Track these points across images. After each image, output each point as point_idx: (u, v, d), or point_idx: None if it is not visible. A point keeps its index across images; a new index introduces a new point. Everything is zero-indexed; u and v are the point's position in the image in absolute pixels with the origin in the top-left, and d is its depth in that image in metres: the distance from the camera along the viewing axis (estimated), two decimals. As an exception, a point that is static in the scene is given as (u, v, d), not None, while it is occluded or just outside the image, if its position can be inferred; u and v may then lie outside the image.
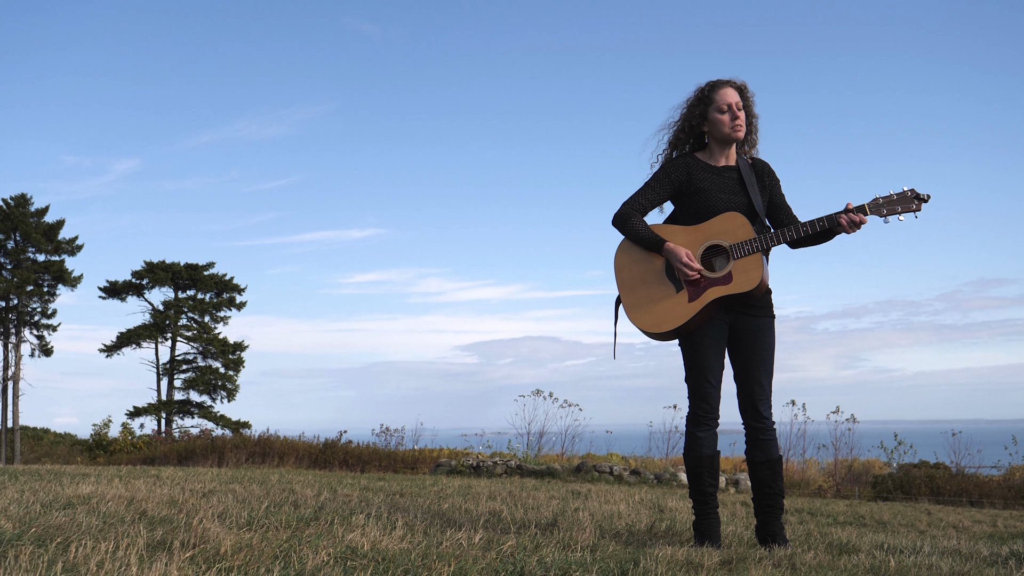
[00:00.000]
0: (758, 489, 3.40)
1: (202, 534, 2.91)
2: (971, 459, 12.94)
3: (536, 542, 3.17)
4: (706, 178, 3.42)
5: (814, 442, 13.81)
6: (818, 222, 3.30)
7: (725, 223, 3.33)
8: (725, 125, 3.40)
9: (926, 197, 3.25)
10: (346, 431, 14.39)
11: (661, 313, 3.36)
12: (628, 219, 3.45)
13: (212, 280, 32.82)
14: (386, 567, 2.52)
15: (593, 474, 10.60)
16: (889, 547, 3.71)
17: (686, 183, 3.43)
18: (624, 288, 3.46)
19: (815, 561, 3.09)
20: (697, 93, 3.48)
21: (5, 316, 31.15)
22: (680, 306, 3.32)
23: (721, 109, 3.39)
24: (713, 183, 3.41)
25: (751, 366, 3.37)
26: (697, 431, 3.39)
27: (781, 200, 3.52)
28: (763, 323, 3.38)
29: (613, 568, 2.66)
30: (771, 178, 3.52)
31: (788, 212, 3.50)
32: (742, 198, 3.40)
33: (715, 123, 3.42)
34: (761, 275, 3.25)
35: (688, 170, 3.44)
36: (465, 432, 16.30)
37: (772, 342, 3.40)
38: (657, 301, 3.37)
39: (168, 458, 13.92)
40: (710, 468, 3.39)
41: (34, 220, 31.45)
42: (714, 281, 3.30)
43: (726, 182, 3.42)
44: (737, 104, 3.40)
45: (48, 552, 2.54)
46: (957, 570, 3.02)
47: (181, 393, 32.35)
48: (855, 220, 3.25)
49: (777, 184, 3.53)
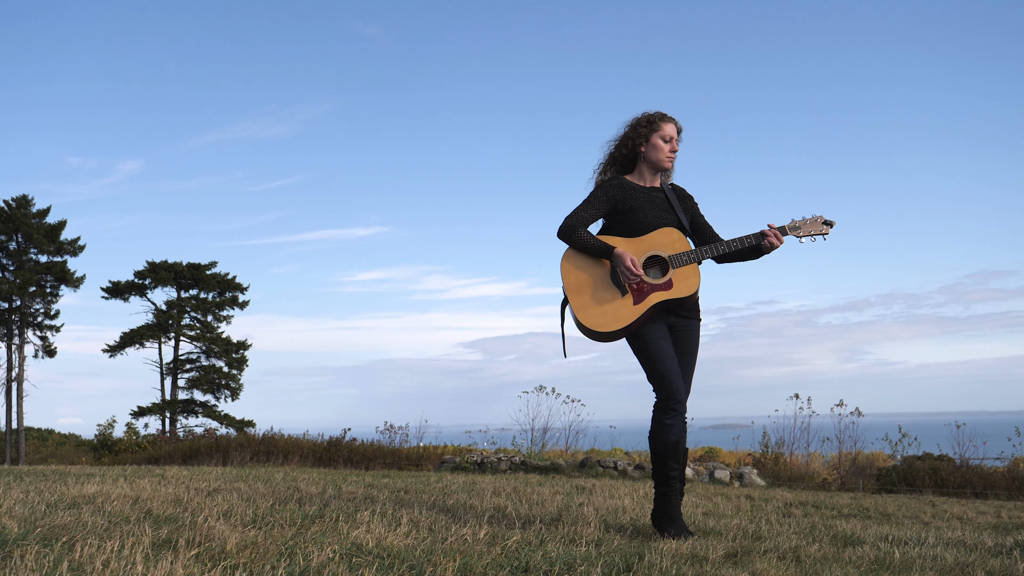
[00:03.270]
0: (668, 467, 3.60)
1: (207, 532, 2.91)
2: (975, 451, 12.91)
3: (541, 537, 3.17)
4: (638, 197, 3.79)
5: (818, 435, 13.79)
6: (746, 238, 3.69)
7: (664, 236, 3.70)
8: (663, 152, 3.81)
9: (832, 223, 3.73)
10: (350, 429, 14.39)
11: (608, 314, 3.64)
12: (575, 230, 3.74)
13: (214, 279, 32.84)
14: (391, 563, 2.53)
15: (597, 469, 10.60)
16: (894, 539, 3.71)
17: (621, 201, 3.78)
18: (572, 291, 3.73)
19: (820, 553, 3.10)
20: (646, 117, 3.85)
21: (8, 317, 31.18)
22: (626, 308, 3.62)
23: (664, 138, 3.81)
24: (644, 202, 3.78)
25: (680, 362, 3.69)
26: (664, 418, 3.60)
27: (703, 221, 3.90)
28: (693, 324, 3.74)
29: (618, 562, 2.66)
30: (692, 202, 3.93)
31: (711, 231, 3.88)
32: (672, 216, 3.79)
33: (655, 148, 3.81)
34: (698, 282, 3.65)
35: (622, 190, 3.80)
36: (469, 429, 16.31)
37: (698, 342, 3.77)
38: (604, 303, 3.66)
39: (173, 457, 13.94)
40: (675, 454, 3.59)
41: (36, 221, 31.47)
42: (656, 287, 3.63)
43: (655, 201, 3.81)
44: (675, 139, 3.83)
45: (54, 551, 2.54)
46: (962, 561, 3.01)
47: (185, 392, 32.41)
48: (774, 242, 3.69)
49: (697, 207, 3.94)
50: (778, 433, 13.89)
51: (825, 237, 3.74)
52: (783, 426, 13.84)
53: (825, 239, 3.75)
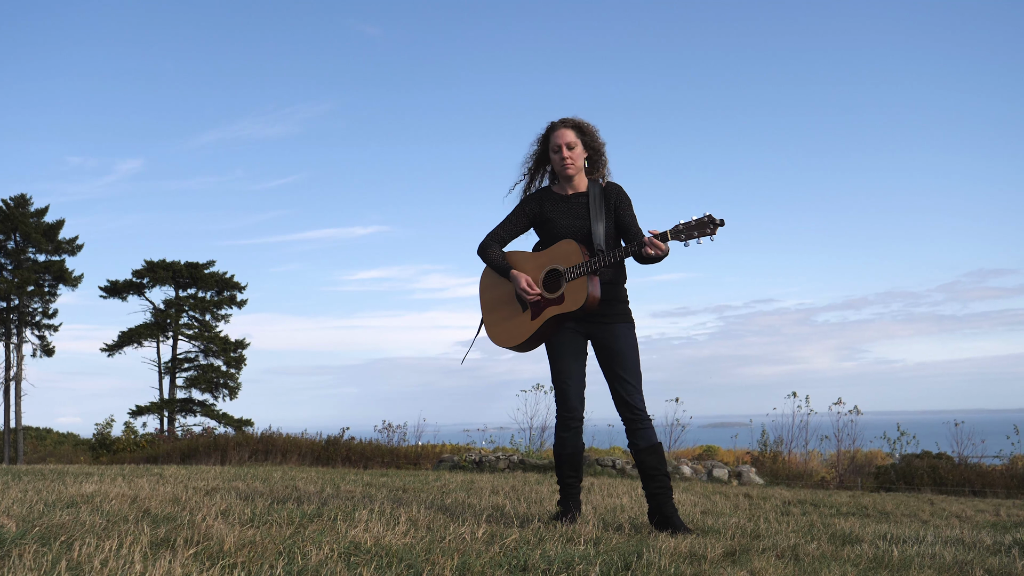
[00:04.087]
0: (645, 473, 3.63)
1: (205, 531, 2.91)
2: (973, 449, 12.93)
3: (539, 536, 3.17)
4: (556, 208, 3.79)
5: (816, 434, 13.80)
6: (627, 249, 3.58)
7: (561, 249, 3.70)
8: (556, 164, 3.78)
9: (721, 221, 3.41)
10: (349, 428, 14.38)
11: (509, 330, 3.82)
12: (487, 249, 3.87)
13: (212, 278, 32.82)
14: (389, 562, 2.52)
15: (596, 468, 10.60)
16: (892, 537, 3.71)
17: (539, 214, 3.83)
18: (485, 309, 3.93)
19: (818, 552, 3.10)
20: (541, 134, 3.85)
21: (6, 316, 31.15)
22: (524, 324, 3.76)
23: (554, 149, 3.77)
24: (561, 212, 3.78)
25: (613, 366, 3.68)
26: (561, 432, 3.76)
27: (630, 221, 3.77)
28: (616, 328, 3.69)
29: (616, 561, 2.66)
30: (619, 200, 3.79)
31: (634, 230, 3.75)
32: (584, 223, 3.73)
33: (552, 161, 3.81)
34: (585, 296, 3.57)
35: (540, 202, 3.83)
36: (467, 427, 16.31)
37: (629, 343, 3.69)
38: (508, 319, 3.83)
39: (171, 456, 13.93)
40: (570, 464, 3.77)
41: (34, 220, 31.44)
42: (551, 301, 3.69)
43: (573, 208, 3.77)
44: (569, 144, 3.74)
45: (52, 551, 2.54)
46: (960, 559, 3.02)
47: (183, 391, 32.39)
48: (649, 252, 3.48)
49: (625, 206, 3.79)
50: (776, 431, 13.91)
51: (712, 238, 3.40)
52: (781, 424, 13.85)
53: (713, 240, 3.41)
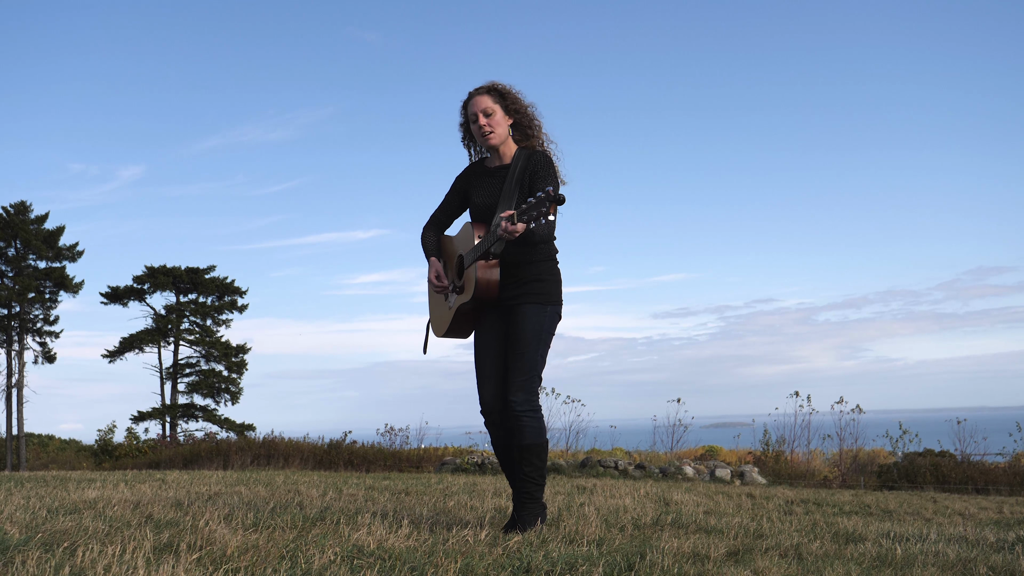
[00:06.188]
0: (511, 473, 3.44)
1: (208, 536, 2.91)
2: (976, 447, 12.94)
3: (542, 537, 3.17)
4: (478, 184, 3.51)
5: (819, 433, 13.81)
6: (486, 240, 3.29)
7: (463, 234, 3.52)
8: (476, 134, 3.47)
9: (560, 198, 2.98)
10: (351, 432, 14.40)
11: (437, 321, 3.69)
12: (423, 233, 3.67)
13: (213, 283, 32.82)
14: (392, 565, 2.52)
15: (598, 469, 10.60)
16: (895, 535, 3.71)
17: (465, 191, 3.59)
18: (429, 299, 3.77)
19: (821, 550, 3.10)
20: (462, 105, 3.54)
21: (7, 323, 31.15)
22: (447, 313, 3.58)
23: (472, 120, 3.45)
24: (480, 188, 3.49)
25: (507, 353, 3.36)
26: (488, 430, 3.52)
27: None
28: (521, 310, 3.32)
29: (620, 561, 2.66)
30: (533, 171, 3.35)
31: None
32: (492, 200, 3.41)
33: (472, 133, 3.52)
34: (475, 284, 3.29)
35: (467, 179, 3.59)
36: (469, 430, 16.31)
37: (527, 326, 3.31)
38: (438, 307, 3.69)
39: (173, 462, 13.93)
40: (507, 461, 3.47)
41: (34, 227, 31.45)
42: (457, 289, 3.51)
43: (491, 184, 3.46)
44: (485, 111, 3.40)
45: (55, 557, 2.54)
46: (964, 557, 3.01)
47: (185, 397, 32.37)
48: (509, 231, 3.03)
49: (541, 177, 3.33)
50: (779, 431, 13.91)
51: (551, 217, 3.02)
52: (783, 424, 13.86)
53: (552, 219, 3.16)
